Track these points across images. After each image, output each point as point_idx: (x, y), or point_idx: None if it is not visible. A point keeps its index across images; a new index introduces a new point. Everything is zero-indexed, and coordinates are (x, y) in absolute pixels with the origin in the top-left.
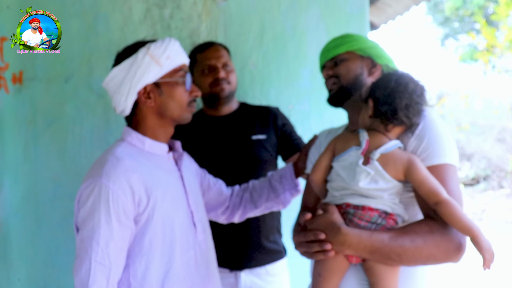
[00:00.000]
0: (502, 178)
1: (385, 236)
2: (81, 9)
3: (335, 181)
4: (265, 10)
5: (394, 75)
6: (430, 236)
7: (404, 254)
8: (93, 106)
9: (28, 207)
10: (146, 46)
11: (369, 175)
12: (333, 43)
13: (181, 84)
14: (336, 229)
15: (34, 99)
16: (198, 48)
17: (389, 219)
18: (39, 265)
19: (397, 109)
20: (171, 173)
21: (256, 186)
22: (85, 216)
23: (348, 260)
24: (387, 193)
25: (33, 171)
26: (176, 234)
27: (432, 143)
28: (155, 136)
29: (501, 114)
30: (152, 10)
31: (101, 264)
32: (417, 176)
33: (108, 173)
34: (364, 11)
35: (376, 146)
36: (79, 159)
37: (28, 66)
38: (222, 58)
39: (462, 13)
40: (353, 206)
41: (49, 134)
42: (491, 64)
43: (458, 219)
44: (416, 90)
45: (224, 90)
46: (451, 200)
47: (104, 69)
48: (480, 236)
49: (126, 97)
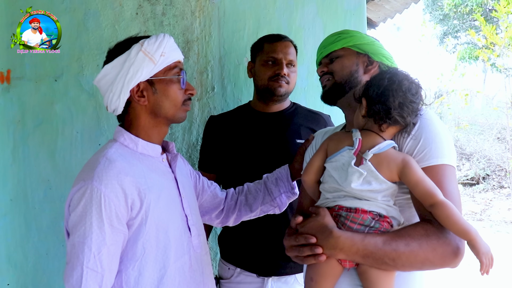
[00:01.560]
0: (502, 178)
1: (378, 240)
2: (71, 6)
3: (328, 183)
4: (260, 6)
5: (388, 73)
6: (426, 240)
7: (399, 258)
8: (84, 105)
9: (17, 209)
10: (140, 43)
11: (362, 176)
12: (330, 40)
13: (176, 82)
14: (328, 233)
15: (22, 98)
16: (268, 37)
17: (383, 221)
18: (29, 269)
19: (391, 108)
20: (165, 175)
21: (251, 188)
22: (76, 221)
23: (341, 265)
24: (381, 194)
25: (22, 172)
26: (170, 239)
27: (429, 143)
28: (148, 136)
29: (501, 113)
30: (144, 7)
31: (93, 271)
32: (412, 177)
33: (99, 175)
34: (361, 7)
35: (369, 146)
36: (70, 160)
37: (16, 64)
38: (289, 55)
39: (461, 10)
40: (346, 208)
41: (38, 135)
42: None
43: (454, 221)
44: (411, 88)
45: (282, 87)
46: (447, 202)
47: (95, 67)
48: (477, 240)
49: (118, 96)
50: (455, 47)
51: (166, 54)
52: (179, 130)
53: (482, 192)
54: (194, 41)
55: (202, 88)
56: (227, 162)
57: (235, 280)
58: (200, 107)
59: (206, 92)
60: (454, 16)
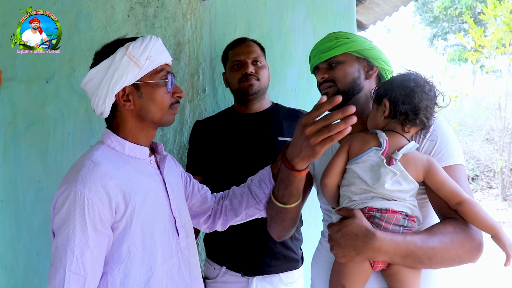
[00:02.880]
0: (491, 178)
1: (417, 239)
2: (63, 7)
3: (355, 184)
4: (251, 9)
5: (411, 74)
6: (456, 236)
7: (435, 256)
8: (75, 107)
9: (7, 211)
10: (125, 46)
11: (395, 176)
12: (329, 44)
13: (162, 86)
14: (371, 235)
15: (14, 99)
16: (231, 44)
17: (411, 221)
18: (19, 271)
19: (419, 109)
20: (152, 177)
21: (236, 193)
22: (60, 223)
23: (372, 267)
24: (408, 194)
25: (13, 173)
26: (156, 241)
27: (444, 145)
28: (136, 139)
29: (490, 115)
30: (136, 9)
31: (76, 274)
32: (438, 177)
33: (84, 179)
34: (351, 10)
35: (396, 147)
36: (61, 161)
37: (8, 66)
38: (252, 53)
39: (451, 12)
40: (377, 209)
41: (29, 136)
42: (480, 64)
43: (481, 217)
44: (432, 91)
45: (253, 85)
46: (473, 200)
47: (87, 69)
48: (502, 234)
49: (104, 100)
50: (444, 49)
51: (152, 58)
52: (170, 132)
53: None
54: (185, 43)
55: (193, 90)
56: (213, 164)
57: (221, 280)
58: (192, 109)
59: (197, 94)
60: (443, 19)
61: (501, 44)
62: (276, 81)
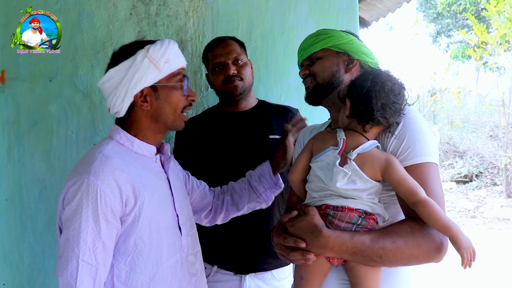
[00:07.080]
0: (495, 175)
1: (366, 238)
2: (65, 6)
3: (314, 182)
4: (254, 6)
5: (371, 74)
6: (411, 237)
7: (386, 255)
8: (79, 105)
9: (12, 209)
10: (145, 48)
11: (347, 176)
12: (309, 41)
13: (179, 89)
14: (318, 232)
15: (17, 99)
16: (209, 46)
17: (369, 219)
18: (24, 269)
19: (373, 109)
20: (158, 175)
21: (236, 188)
22: (71, 214)
23: (330, 262)
24: (365, 193)
25: (17, 172)
26: (162, 237)
27: (412, 142)
28: (145, 138)
29: (493, 111)
30: (138, 7)
31: (89, 264)
32: (395, 176)
33: (96, 171)
34: (354, 6)
35: (353, 146)
36: (65, 159)
37: (11, 65)
38: (231, 53)
39: (454, 9)
40: (332, 207)
41: (33, 135)
42: (483, 61)
43: (436, 219)
44: (393, 89)
45: (237, 86)
46: (429, 200)
47: (89, 68)
48: (458, 235)
49: (122, 100)
50: (448, 46)
51: (170, 61)
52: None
53: (475, 189)
54: (188, 41)
55: (196, 87)
56: (202, 164)
57: (212, 279)
58: (194, 106)
59: (200, 91)
60: (447, 15)
61: (505, 41)
62: (279, 78)
